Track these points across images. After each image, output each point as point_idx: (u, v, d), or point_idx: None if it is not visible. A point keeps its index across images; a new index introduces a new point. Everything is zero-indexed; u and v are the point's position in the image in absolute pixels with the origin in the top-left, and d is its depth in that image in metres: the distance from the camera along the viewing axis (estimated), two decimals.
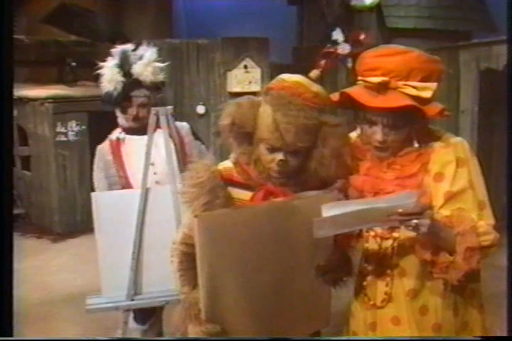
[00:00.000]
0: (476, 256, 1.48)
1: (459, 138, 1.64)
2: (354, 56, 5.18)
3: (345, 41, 5.27)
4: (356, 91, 1.58)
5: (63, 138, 5.34)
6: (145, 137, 2.50)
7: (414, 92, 1.53)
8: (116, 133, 2.68)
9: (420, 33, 5.43)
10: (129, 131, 2.64)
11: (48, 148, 5.37)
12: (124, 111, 2.59)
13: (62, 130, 5.32)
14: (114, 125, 2.75)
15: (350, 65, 5.31)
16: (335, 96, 1.63)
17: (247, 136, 1.62)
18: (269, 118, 1.57)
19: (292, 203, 1.58)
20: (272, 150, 1.59)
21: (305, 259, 1.63)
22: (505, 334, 1.69)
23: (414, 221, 1.41)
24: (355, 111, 1.64)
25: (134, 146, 2.62)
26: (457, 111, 4.82)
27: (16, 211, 5.42)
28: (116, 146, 2.64)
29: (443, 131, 1.66)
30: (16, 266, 1.72)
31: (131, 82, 2.54)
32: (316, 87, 1.62)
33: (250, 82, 5.64)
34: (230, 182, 1.67)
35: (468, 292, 1.65)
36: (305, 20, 6.75)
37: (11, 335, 1.65)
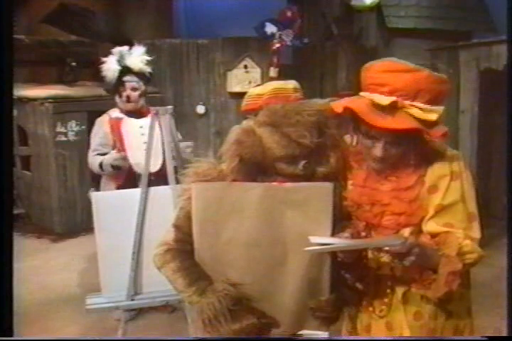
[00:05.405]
0: (457, 280, 1.50)
1: (454, 151, 1.65)
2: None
3: (280, 29, 5.38)
4: (361, 109, 1.52)
5: (63, 138, 5.33)
6: (141, 120, 3.30)
7: (419, 115, 1.49)
8: (116, 113, 3.36)
9: (420, 33, 5.42)
10: (126, 113, 3.34)
11: (48, 148, 5.36)
12: (120, 95, 3.30)
13: (62, 130, 5.31)
14: None
15: (306, 41, 5.52)
16: (338, 109, 1.55)
17: (255, 165, 1.59)
18: (275, 136, 1.54)
19: (286, 187, 1.59)
20: (291, 161, 1.57)
21: (296, 245, 1.59)
22: (505, 334, 1.69)
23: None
24: (354, 123, 1.60)
25: (131, 127, 3.32)
26: (457, 111, 4.82)
27: (16, 211, 5.41)
28: (116, 124, 3.32)
29: (442, 145, 1.65)
30: (15, 265, 1.72)
31: (124, 69, 3.28)
32: (289, 83, 1.59)
33: (250, 82, 5.65)
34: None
35: (458, 295, 1.65)
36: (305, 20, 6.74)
37: (11, 335, 1.65)
